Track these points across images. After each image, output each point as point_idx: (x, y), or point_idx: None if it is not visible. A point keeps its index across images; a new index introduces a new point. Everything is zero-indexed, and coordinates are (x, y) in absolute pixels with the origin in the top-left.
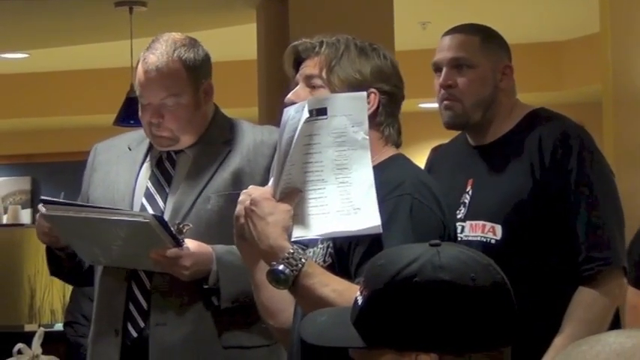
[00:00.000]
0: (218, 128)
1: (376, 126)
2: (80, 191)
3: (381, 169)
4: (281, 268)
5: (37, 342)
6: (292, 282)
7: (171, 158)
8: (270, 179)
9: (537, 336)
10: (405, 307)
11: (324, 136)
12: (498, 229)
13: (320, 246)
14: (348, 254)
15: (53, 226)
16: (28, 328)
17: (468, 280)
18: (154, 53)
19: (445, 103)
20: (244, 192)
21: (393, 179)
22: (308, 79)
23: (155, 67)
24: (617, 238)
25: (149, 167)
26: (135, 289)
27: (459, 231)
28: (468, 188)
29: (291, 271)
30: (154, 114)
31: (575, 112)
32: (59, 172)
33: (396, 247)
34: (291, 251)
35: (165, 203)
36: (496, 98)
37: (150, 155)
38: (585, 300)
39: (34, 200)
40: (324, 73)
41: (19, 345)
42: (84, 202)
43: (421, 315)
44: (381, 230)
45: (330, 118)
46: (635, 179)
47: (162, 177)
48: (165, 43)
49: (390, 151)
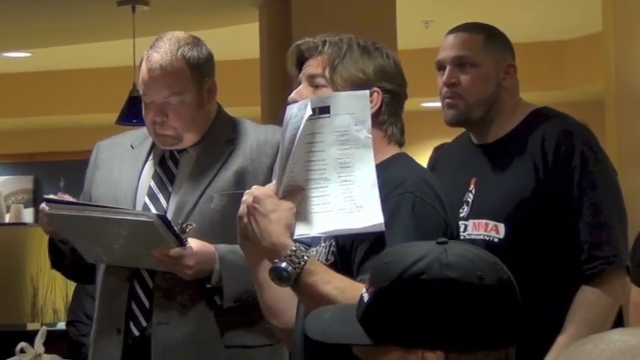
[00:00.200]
0: (221, 127)
1: (379, 125)
2: (82, 189)
3: (383, 168)
4: (283, 265)
5: (39, 341)
6: (294, 279)
7: (174, 157)
8: (273, 178)
9: (540, 335)
10: (411, 305)
11: (327, 134)
12: (501, 227)
13: (323, 244)
14: (350, 252)
15: (56, 225)
16: (30, 326)
17: (475, 278)
18: (158, 52)
19: (447, 101)
20: (248, 192)
21: (395, 178)
22: (311, 79)
23: (159, 66)
24: (619, 237)
25: (152, 166)
26: (137, 288)
27: (462, 229)
28: (471, 187)
29: (294, 268)
30: (157, 112)
31: (577, 111)
32: (62, 171)
33: (403, 244)
34: (294, 249)
35: (167, 202)
36: (499, 97)
37: (153, 154)
38: (588, 299)
39: (36, 199)
40: (327, 73)
41: (22, 344)
42: (86, 201)
43: (428, 313)
44: (384, 228)
45: (332, 116)
46: (638, 178)
47: (165, 176)
48: (168, 42)
49: (392, 150)
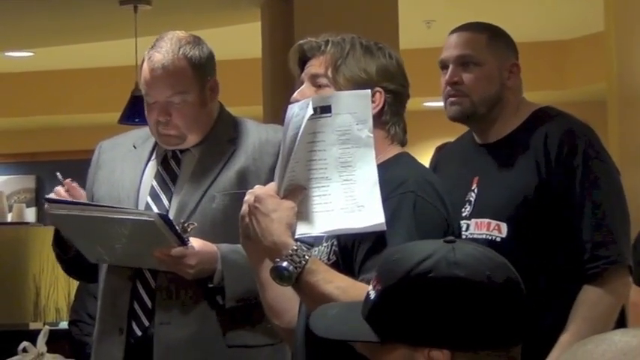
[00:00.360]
0: (223, 127)
1: (382, 125)
2: (84, 189)
3: (385, 167)
4: (285, 264)
5: (41, 340)
6: (296, 279)
7: (176, 157)
8: (276, 177)
9: (542, 334)
10: (419, 303)
11: (328, 133)
12: (504, 227)
13: (324, 244)
14: (352, 252)
15: (57, 225)
16: (32, 326)
17: (483, 277)
18: (160, 51)
19: (451, 99)
20: (249, 191)
21: (397, 177)
22: (313, 78)
23: (161, 65)
24: (622, 236)
25: (154, 165)
26: (139, 287)
27: (465, 229)
28: (474, 186)
29: (295, 267)
30: (161, 112)
31: (579, 111)
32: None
33: (411, 242)
34: (295, 248)
35: (170, 202)
36: (503, 96)
37: (155, 153)
38: (590, 298)
39: (38, 199)
40: (330, 73)
41: (24, 343)
42: (88, 201)
43: (435, 311)
44: (385, 228)
45: (334, 115)
46: None
47: (168, 176)
48: (170, 42)
49: (395, 150)
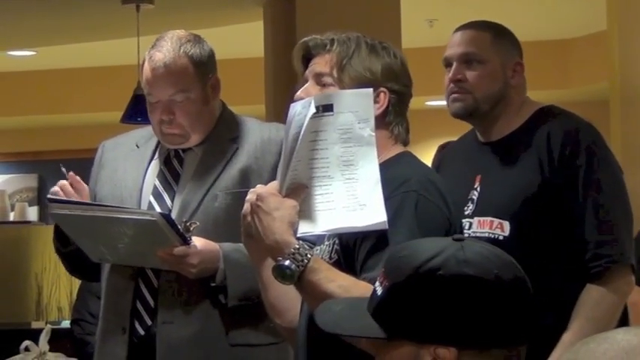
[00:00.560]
0: (226, 126)
1: (386, 125)
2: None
3: (387, 166)
4: (287, 263)
5: (44, 339)
6: (298, 277)
7: (179, 156)
8: (278, 176)
9: (545, 333)
10: (427, 300)
11: (331, 132)
12: (506, 225)
13: (326, 243)
14: (353, 250)
15: (60, 225)
16: (35, 325)
17: (492, 275)
18: (161, 50)
19: (454, 95)
20: (252, 190)
21: (399, 176)
22: (318, 77)
23: (163, 64)
24: (625, 235)
25: (157, 165)
26: (142, 287)
27: (467, 227)
28: (476, 184)
29: (297, 266)
30: (164, 111)
31: (581, 111)
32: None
33: (418, 239)
34: (297, 247)
35: (172, 201)
36: (506, 94)
37: (158, 153)
38: (593, 297)
39: (40, 197)
40: (335, 72)
41: (26, 342)
42: (91, 199)
43: (443, 308)
44: (387, 227)
45: (336, 114)
46: None
47: (170, 175)
48: (170, 40)
49: (397, 149)
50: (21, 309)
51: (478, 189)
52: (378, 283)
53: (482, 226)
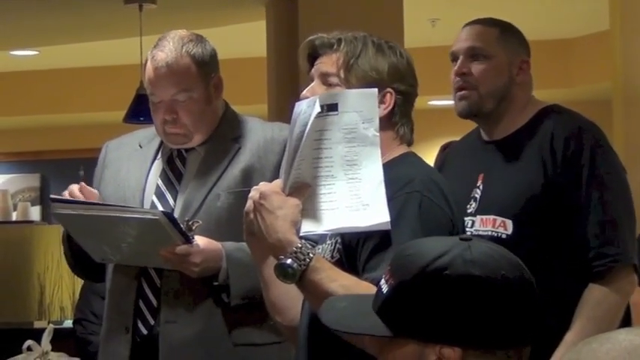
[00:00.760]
0: (228, 125)
1: (391, 126)
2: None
3: (391, 167)
4: (289, 262)
5: (46, 339)
6: (300, 276)
7: (181, 156)
8: (280, 175)
9: (547, 333)
10: (433, 299)
11: (335, 131)
12: (509, 223)
13: (328, 242)
14: (356, 250)
15: (63, 225)
16: (37, 324)
17: (499, 276)
18: (163, 50)
19: (460, 93)
20: (255, 188)
21: (402, 176)
22: (324, 77)
23: (165, 64)
24: (627, 235)
25: (160, 165)
26: (145, 286)
27: (470, 225)
28: (479, 183)
29: (299, 265)
30: (167, 111)
31: (584, 110)
32: (68, 169)
33: (425, 238)
34: (300, 245)
35: (175, 201)
36: (511, 91)
37: (161, 153)
38: (596, 297)
39: (43, 197)
40: (342, 73)
41: (29, 342)
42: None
43: (449, 308)
44: (390, 227)
45: (340, 114)
46: None
47: (173, 174)
48: (172, 40)
49: (401, 149)
50: (23, 308)
51: (481, 187)
52: (383, 281)
53: (484, 224)
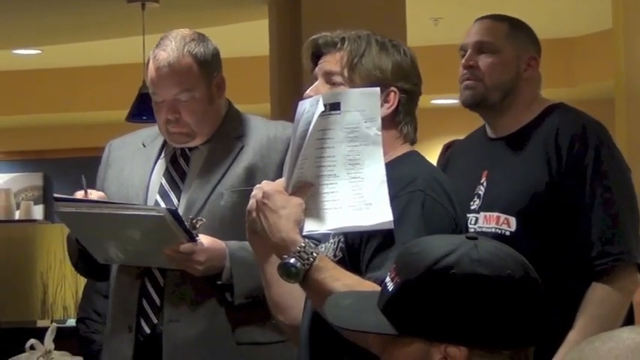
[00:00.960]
0: (231, 124)
1: (395, 125)
2: (94, 187)
3: (394, 165)
4: (292, 261)
5: (49, 337)
6: (303, 276)
7: (185, 155)
8: (284, 174)
9: (550, 330)
10: (439, 298)
11: (337, 131)
12: (513, 221)
13: (331, 240)
14: (359, 249)
15: (66, 224)
16: (40, 323)
17: (505, 276)
18: (165, 50)
19: (466, 83)
20: (257, 187)
21: (405, 176)
22: (328, 76)
23: (167, 64)
24: (631, 234)
25: (163, 164)
26: (148, 285)
27: (473, 222)
28: (483, 179)
29: (303, 264)
30: (169, 110)
31: (587, 109)
32: (71, 168)
33: (431, 236)
34: (303, 245)
35: (179, 200)
36: (518, 86)
37: (164, 152)
38: (598, 295)
39: (46, 196)
40: (346, 72)
41: (32, 340)
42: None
43: (455, 307)
44: (393, 226)
45: (343, 113)
46: None
47: (176, 173)
48: (174, 40)
49: (404, 148)
50: (26, 307)
51: (484, 184)
52: (388, 279)
53: (488, 221)
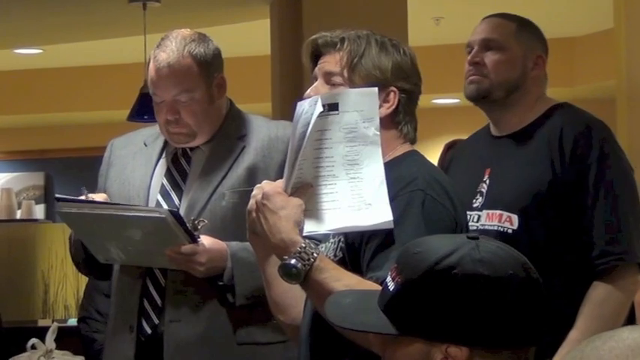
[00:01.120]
0: (233, 123)
1: (395, 124)
2: (96, 187)
3: (394, 165)
4: (293, 262)
5: (50, 337)
6: (304, 276)
7: (186, 154)
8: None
9: (551, 330)
10: (440, 298)
11: (336, 131)
12: (515, 219)
13: (331, 240)
14: (359, 249)
15: (68, 224)
16: (41, 323)
17: (507, 276)
18: (165, 50)
19: (471, 78)
20: (257, 187)
21: (405, 175)
22: (327, 76)
23: (167, 64)
24: (633, 233)
25: (165, 163)
26: (149, 285)
27: (475, 220)
28: (486, 177)
29: (303, 265)
30: (169, 111)
31: (588, 109)
32: (73, 167)
33: (432, 236)
34: (303, 245)
35: (180, 200)
36: (524, 84)
37: (166, 151)
38: (600, 295)
39: (47, 196)
40: (346, 72)
41: (33, 340)
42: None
43: (456, 307)
44: (393, 226)
45: (341, 113)
46: None
47: (178, 173)
48: (174, 40)
49: (404, 148)
50: (28, 307)
51: (487, 182)
52: (389, 279)
53: (490, 219)
